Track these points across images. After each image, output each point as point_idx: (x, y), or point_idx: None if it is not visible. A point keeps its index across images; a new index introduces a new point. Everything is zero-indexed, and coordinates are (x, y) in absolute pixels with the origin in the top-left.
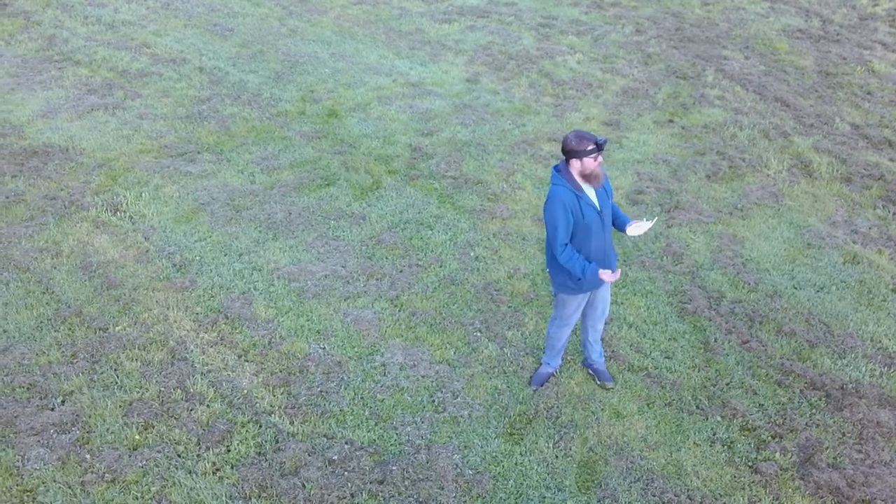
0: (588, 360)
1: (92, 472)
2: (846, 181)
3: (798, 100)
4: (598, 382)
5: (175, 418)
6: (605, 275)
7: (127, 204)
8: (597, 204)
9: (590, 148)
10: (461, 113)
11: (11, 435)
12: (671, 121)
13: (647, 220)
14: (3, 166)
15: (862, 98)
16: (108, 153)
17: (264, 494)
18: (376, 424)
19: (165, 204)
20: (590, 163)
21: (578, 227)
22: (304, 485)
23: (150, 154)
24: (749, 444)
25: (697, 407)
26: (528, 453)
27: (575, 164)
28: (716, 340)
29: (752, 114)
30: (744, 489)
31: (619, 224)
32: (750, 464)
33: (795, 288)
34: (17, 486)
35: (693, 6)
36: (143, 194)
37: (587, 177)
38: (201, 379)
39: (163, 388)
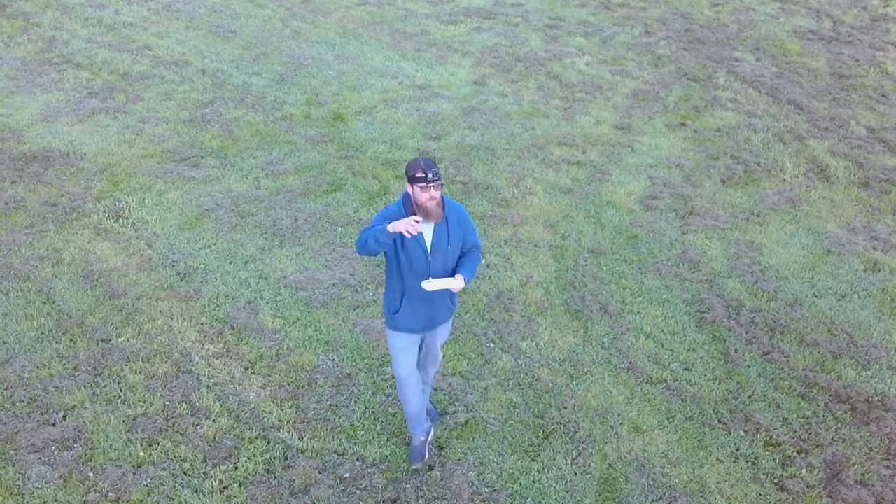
0: None
1: (95, 491)
2: (864, 186)
3: (812, 102)
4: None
5: (180, 434)
6: (401, 225)
7: (129, 210)
8: (427, 244)
9: (418, 175)
10: (469, 116)
11: (12, 452)
12: (683, 124)
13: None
14: (3, 172)
15: (877, 101)
16: (109, 158)
17: None
18: (388, 440)
19: (169, 210)
20: (418, 192)
21: (399, 254)
22: None
23: (153, 159)
24: (774, 459)
25: (719, 421)
26: (545, 470)
27: (409, 189)
28: (736, 351)
29: (765, 117)
30: None
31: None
32: (775, 481)
33: (816, 296)
34: None
35: (702, 7)
36: (146, 200)
37: (418, 208)
38: (207, 392)
39: (167, 403)
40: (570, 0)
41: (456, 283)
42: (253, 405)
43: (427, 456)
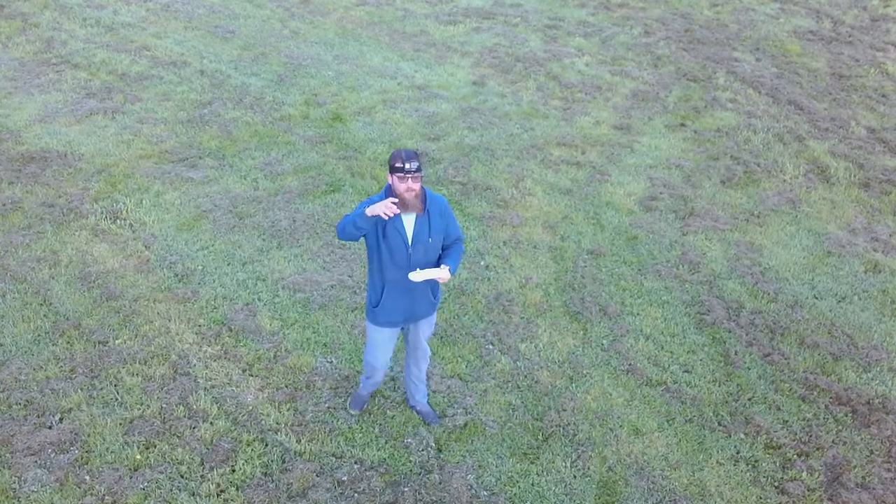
0: (411, 400)
1: (91, 495)
2: (864, 187)
3: (812, 103)
4: (426, 423)
5: (177, 437)
6: (379, 207)
7: (127, 211)
8: (408, 235)
9: (397, 165)
10: (468, 116)
11: (8, 455)
12: (683, 124)
13: (441, 266)
14: (0, 172)
15: (877, 101)
16: (107, 159)
17: None
18: (386, 443)
19: (166, 211)
20: (397, 183)
21: (380, 245)
22: None
23: (151, 159)
24: (774, 462)
25: (719, 423)
26: (544, 473)
27: (390, 179)
28: (736, 353)
29: (765, 117)
30: None
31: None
32: (776, 484)
33: (816, 298)
34: None
35: (702, 7)
36: (144, 201)
37: (398, 198)
38: (204, 395)
39: (165, 405)
40: (569, 0)
41: (442, 273)
42: (251, 407)
43: (367, 406)
